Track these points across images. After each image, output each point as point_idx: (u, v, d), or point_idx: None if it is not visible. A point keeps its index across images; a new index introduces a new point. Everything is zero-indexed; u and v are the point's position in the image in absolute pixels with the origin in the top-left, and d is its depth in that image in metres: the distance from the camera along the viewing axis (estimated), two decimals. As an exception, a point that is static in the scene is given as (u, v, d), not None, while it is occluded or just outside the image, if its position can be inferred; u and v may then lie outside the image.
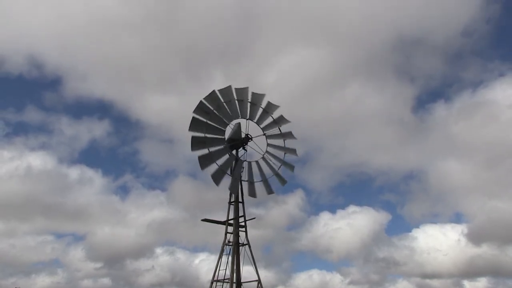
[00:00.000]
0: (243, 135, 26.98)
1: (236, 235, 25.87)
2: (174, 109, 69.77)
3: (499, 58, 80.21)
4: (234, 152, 26.94)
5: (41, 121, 76.06)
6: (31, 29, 69.34)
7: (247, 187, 26.32)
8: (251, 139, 27.01)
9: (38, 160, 67.68)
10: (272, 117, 28.74)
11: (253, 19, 67.70)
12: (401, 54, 75.35)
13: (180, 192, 55.06)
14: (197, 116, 25.23)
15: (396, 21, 68.15)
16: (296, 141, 29.17)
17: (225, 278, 24.71)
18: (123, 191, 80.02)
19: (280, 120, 28.93)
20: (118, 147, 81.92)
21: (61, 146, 75.49)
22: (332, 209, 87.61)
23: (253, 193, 26.17)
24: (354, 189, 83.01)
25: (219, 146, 25.70)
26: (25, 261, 59.87)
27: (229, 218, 26.31)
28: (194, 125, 25.09)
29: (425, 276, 58.25)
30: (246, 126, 27.22)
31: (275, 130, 28.65)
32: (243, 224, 26.45)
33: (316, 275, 60.43)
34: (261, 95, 28.66)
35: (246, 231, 26.39)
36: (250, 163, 27.03)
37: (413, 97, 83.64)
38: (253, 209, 42.19)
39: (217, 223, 26.72)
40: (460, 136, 66.56)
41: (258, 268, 25.74)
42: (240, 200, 26.56)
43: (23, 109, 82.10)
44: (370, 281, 56.95)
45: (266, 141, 28.15)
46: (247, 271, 25.69)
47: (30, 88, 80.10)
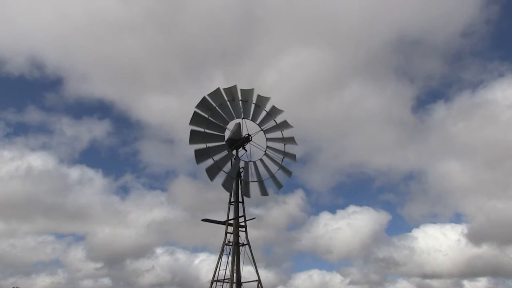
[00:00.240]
0: (243, 135, 26.83)
1: (236, 235, 25.66)
2: (175, 110, 70.43)
3: (499, 59, 79.83)
4: (234, 151, 26.80)
5: (42, 122, 77.31)
6: (32, 30, 71.05)
7: (243, 186, 26.11)
8: (251, 139, 26.87)
9: (39, 160, 68.35)
10: (275, 121, 28.55)
11: (254, 20, 68.77)
12: (401, 55, 76.34)
13: (180, 192, 55.27)
14: (199, 111, 25.31)
15: (396, 22, 68.99)
16: (296, 138, 28.87)
17: (225, 278, 24.54)
18: (124, 191, 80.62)
19: (283, 125, 28.69)
20: (119, 147, 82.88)
21: (62, 146, 76.51)
22: (332, 209, 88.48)
23: (247, 193, 25.95)
24: (354, 189, 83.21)
25: (222, 153, 25.61)
26: (26, 261, 60.51)
27: (229, 218, 26.11)
28: (195, 120, 25.11)
29: (425, 276, 58.39)
30: (247, 127, 27.18)
31: (277, 134, 28.46)
32: (243, 224, 26.23)
33: (316, 275, 60.60)
34: (266, 98, 28.61)
35: (246, 231, 26.18)
36: (248, 163, 26.86)
37: (413, 98, 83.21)
38: (253, 209, 42.10)
39: (217, 223, 26.52)
40: (460, 137, 66.74)
41: (258, 268, 25.54)
42: (240, 200, 26.35)
43: (24, 110, 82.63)
44: (370, 281, 56.98)
45: (266, 143, 27.99)
46: (247, 271, 25.57)
47: (31, 89, 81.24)
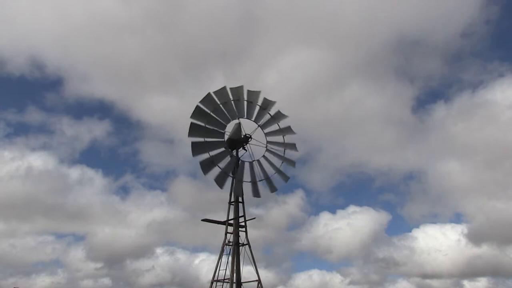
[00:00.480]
0: (243, 135, 26.84)
1: (236, 235, 25.93)
2: (175, 110, 69.87)
3: (499, 59, 79.80)
4: (235, 153, 26.88)
5: (42, 122, 76.63)
6: (33, 30, 69.62)
7: (250, 188, 26.37)
8: (251, 139, 26.94)
9: (39, 161, 67.94)
10: (270, 114, 28.57)
11: (254, 20, 67.72)
12: (401, 55, 75.64)
13: (180, 192, 55.43)
14: (195, 121, 25.19)
15: (396, 22, 68.29)
16: (297, 140, 29.14)
17: (225, 278, 24.84)
18: (124, 191, 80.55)
19: (278, 116, 28.78)
20: (119, 148, 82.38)
21: (62, 147, 75.95)
22: (332, 209, 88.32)
23: (257, 193, 26.29)
24: (354, 189, 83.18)
25: (220, 149, 25.77)
26: (26, 261, 60.40)
27: (229, 218, 26.38)
28: (193, 130, 25.08)
29: (425, 276, 58.56)
30: (244, 126, 27.15)
31: (274, 127, 28.56)
32: (243, 224, 26.51)
33: (316, 275, 60.56)
34: (257, 92, 28.41)
35: (246, 231, 26.47)
36: (252, 163, 27.04)
37: (413, 98, 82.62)
38: (253, 209, 42.76)
39: (217, 223, 26.76)
40: (460, 137, 66.59)
41: (258, 268, 25.85)
42: (240, 200, 26.61)
43: (24, 110, 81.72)
44: (370, 281, 57.16)
45: (266, 139, 28.13)
46: (247, 271, 25.82)
47: (31, 89, 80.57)
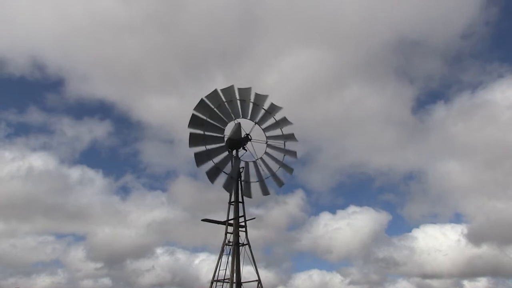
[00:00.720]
0: (243, 135, 26.82)
1: (236, 235, 25.77)
2: (175, 110, 70.36)
3: (498, 60, 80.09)
4: (234, 152, 26.82)
5: (43, 122, 77.25)
6: (33, 31, 70.69)
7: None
8: (251, 139, 26.86)
9: (40, 161, 68.33)
10: (275, 118, 28.47)
11: (254, 21, 68.34)
12: (401, 56, 75.98)
13: (181, 193, 55.73)
14: (197, 113, 25.30)
15: (396, 23, 68.63)
16: (297, 143, 28.92)
17: (225, 278, 24.66)
18: (124, 192, 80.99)
19: (282, 122, 28.65)
20: (119, 148, 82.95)
21: (62, 147, 76.45)
22: (332, 210, 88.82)
23: (248, 193, 26.10)
24: (354, 190, 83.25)
25: (218, 144, 25.74)
26: (26, 261, 60.71)
27: (229, 218, 26.21)
28: (194, 122, 25.15)
29: (425, 276, 58.43)
30: (244, 126, 27.09)
31: (277, 131, 28.43)
32: (243, 224, 26.33)
33: (316, 275, 60.68)
34: (264, 96, 28.49)
35: (246, 231, 26.29)
36: (248, 163, 26.94)
37: (413, 98, 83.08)
38: (253, 209, 42.32)
39: (217, 223, 26.63)
40: (460, 137, 66.72)
41: (258, 268, 25.67)
42: (240, 200, 26.42)
43: (25, 110, 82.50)
44: (370, 281, 57.09)
45: (266, 142, 27.97)
46: (247, 271, 25.68)
47: (32, 89, 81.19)
